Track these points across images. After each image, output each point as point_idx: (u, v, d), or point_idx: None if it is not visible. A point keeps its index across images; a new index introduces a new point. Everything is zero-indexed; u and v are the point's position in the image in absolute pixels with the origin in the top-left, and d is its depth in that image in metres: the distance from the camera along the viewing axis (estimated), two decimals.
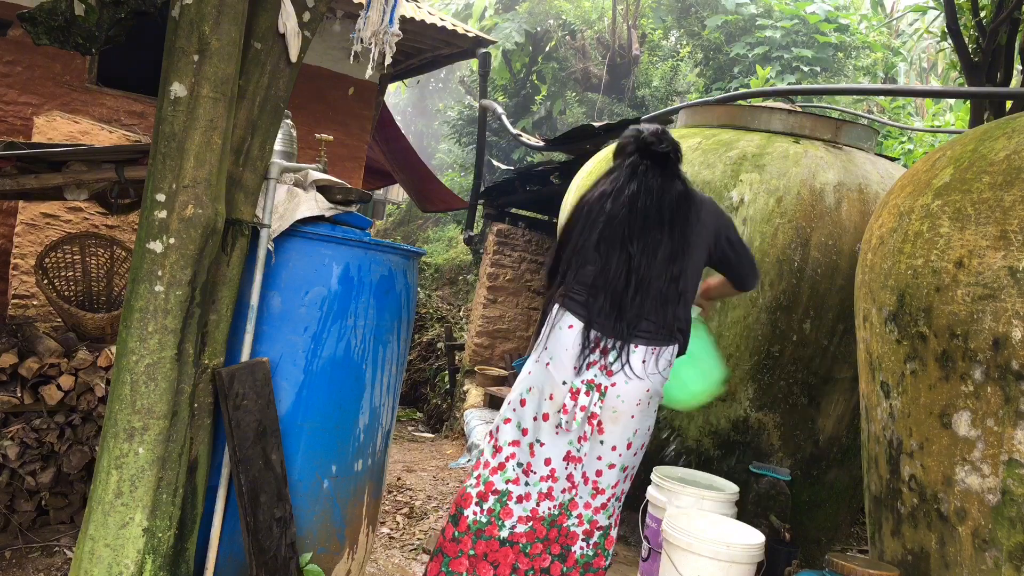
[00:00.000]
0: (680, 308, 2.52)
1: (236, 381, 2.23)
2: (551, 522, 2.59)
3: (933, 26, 8.41)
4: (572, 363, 2.47)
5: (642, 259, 2.47)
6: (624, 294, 2.46)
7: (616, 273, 2.48)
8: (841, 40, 11.03)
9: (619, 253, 2.50)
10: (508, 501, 2.55)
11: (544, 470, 2.53)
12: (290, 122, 2.81)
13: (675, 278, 2.49)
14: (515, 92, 13.23)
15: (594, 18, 12.73)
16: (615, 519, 2.64)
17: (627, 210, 2.52)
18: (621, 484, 2.60)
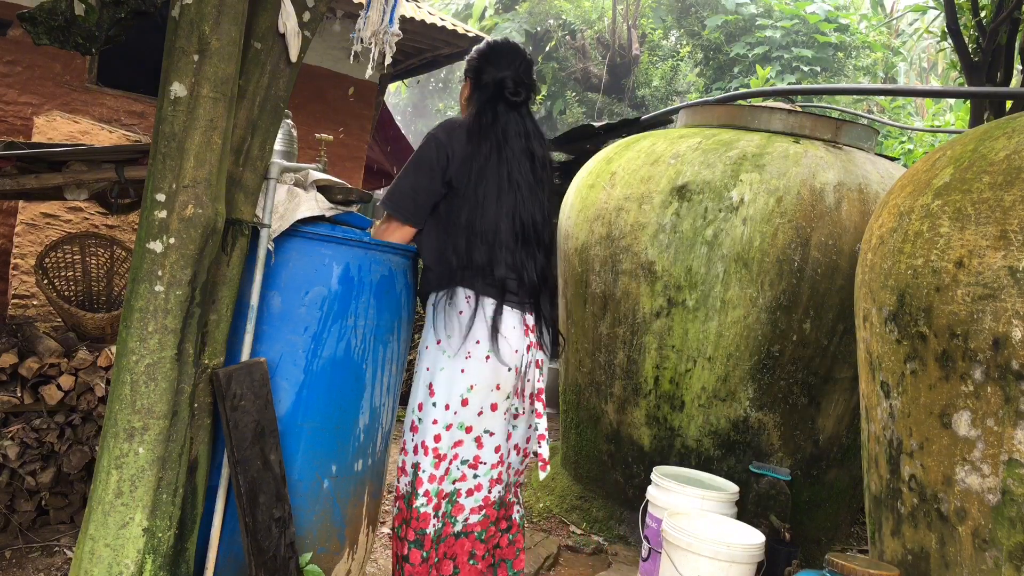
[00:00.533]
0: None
1: (234, 382, 2.23)
2: (500, 503, 2.62)
3: (933, 26, 8.41)
4: (519, 346, 2.51)
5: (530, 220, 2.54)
6: (525, 262, 2.52)
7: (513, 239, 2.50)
8: (841, 40, 11.03)
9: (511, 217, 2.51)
10: (457, 499, 2.55)
11: (494, 458, 2.56)
12: (290, 122, 2.81)
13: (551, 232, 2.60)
14: None
15: (594, 18, 12.74)
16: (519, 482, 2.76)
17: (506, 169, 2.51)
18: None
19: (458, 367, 2.50)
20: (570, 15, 12.67)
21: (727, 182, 3.81)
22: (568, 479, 4.49)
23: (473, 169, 2.48)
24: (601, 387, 4.13)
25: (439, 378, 2.53)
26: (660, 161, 4.06)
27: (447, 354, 2.52)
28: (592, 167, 4.51)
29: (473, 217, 2.48)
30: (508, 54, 2.65)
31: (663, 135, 4.37)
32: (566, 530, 4.10)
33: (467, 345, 2.49)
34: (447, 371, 2.52)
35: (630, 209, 3.98)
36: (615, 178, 4.17)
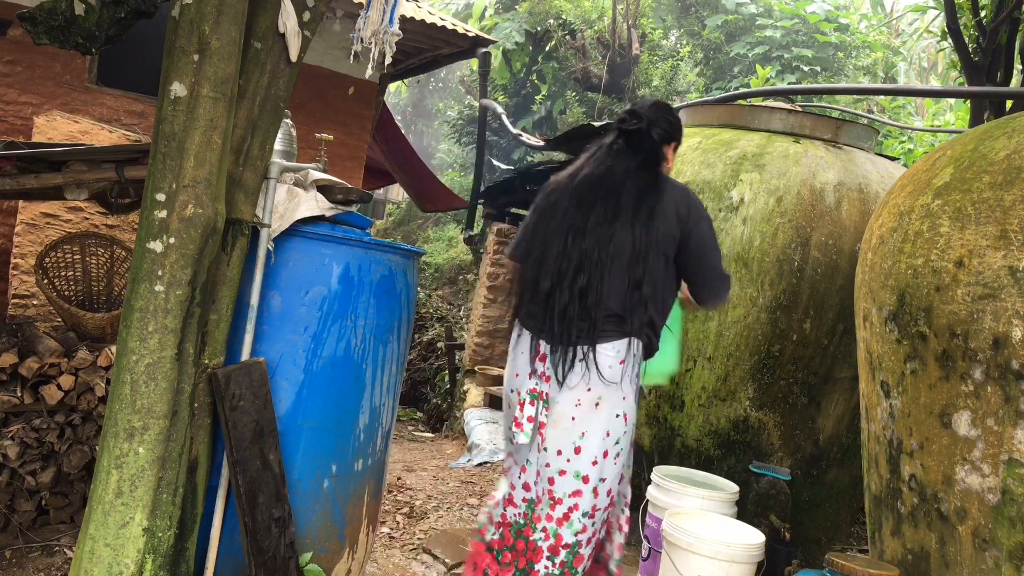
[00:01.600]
0: (644, 312, 2.32)
1: (232, 382, 2.23)
2: (517, 531, 2.44)
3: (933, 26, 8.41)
4: (521, 371, 2.40)
5: (593, 260, 2.29)
6: (569, 299, 2.28)
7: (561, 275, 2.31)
8: (841, 40, 11.03)
9: (564, 253, 2.31)
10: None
11: (514, 474, 2.49)
12: (290, 122, 2.81)
13: (637, 283, 2.28)
14: (515, 92, 13.23)
15: (594, 18, 12.72)
16: (589, 539, 2.38)
17: (575, 202, 2.35)
18: (589, 498, 2.33)
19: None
20: (570, 15, 12.66)
21: (727, 182, 3.81)
22: None
23: None
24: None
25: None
26: None
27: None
28: None
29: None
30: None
31: None
32: None
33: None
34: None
35: None
36: None
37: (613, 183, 2.37)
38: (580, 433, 2.32)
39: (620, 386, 2.33)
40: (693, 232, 2.34)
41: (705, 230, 2.38)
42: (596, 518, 2.37)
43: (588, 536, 2.37)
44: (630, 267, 2.30)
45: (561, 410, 2.34)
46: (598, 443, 2.32)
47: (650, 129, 2.42)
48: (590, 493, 2.33)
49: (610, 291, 2.30)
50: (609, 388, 2.32)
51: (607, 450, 2.34)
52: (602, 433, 2.32)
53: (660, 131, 2.45)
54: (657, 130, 2.44)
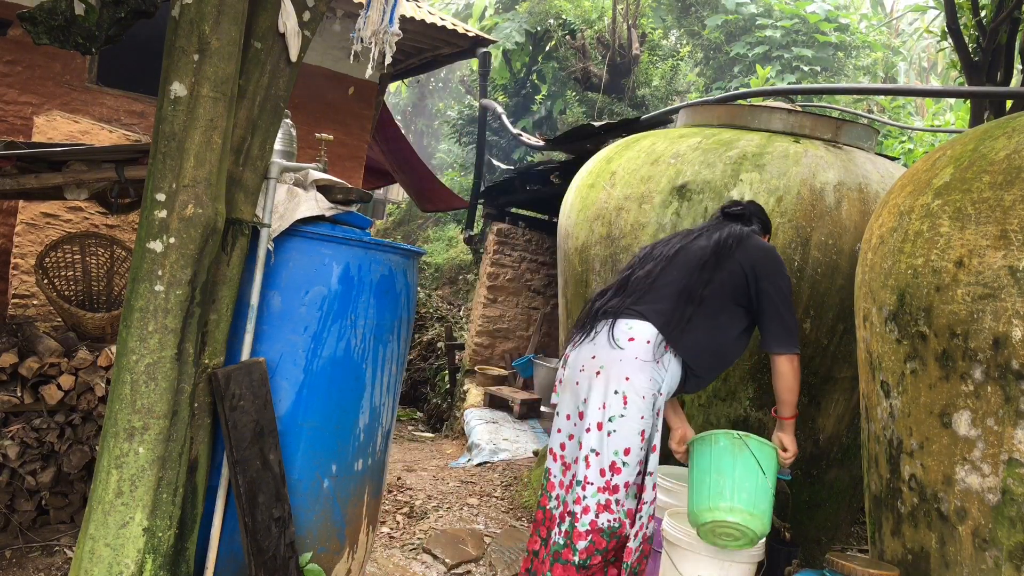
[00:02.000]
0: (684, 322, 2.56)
1: (232, 382, 2.23)
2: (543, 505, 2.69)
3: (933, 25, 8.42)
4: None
5: (658, 256, 2.68)
6: (627, 283, 2.64)
7: (638, 272, 2.68)
8: (841, 40, 11.03)
9: (651, 262, 2.70)
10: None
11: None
12: (290, 122, 2.81)
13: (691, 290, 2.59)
14: (515, 92, 13.23)
15: (594, 17, 12.73)
16: (590, 513, 2.46)
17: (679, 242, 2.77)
18: (594, 468, 2.45)
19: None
20: (570, 15, 12.66)
21: (727, 182, 3.81)
22: None
23: None
24: None
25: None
26: (660, 161, 4.06)
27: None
28: (592, 167, 4.51)
29: None
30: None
31: (663, 135, 4.37)
32: None
33: None
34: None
35: (630, 209, 3.98)
36: (615, 178, 4.17)
37: (708, 235, 2.79)
38: (583, 399, 2.52)
39: (626, 365, 2.48)
40: (764, 278, 2.65)
41: (774, 281, 2.66)
42: (587, 491, 2.48)
43: (582, 509, 2.49)
44: (691, 271, 2.61)
45: (569, 374, 2.60)
46: (597, 415, 2.48)
47: (749, 216, 2.92)
48: (603, 477, 2.48)
49: (663, 283, 2.61)
50: (618, 363, 2.48)
51: (600, 422, 2.48)
52: (601, 405, 2.47)
53: (758, 222, 2.95)
54: (756, 220, 2.94)
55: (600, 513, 2.47)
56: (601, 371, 2.50)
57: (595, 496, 2.48)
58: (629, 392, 2.47)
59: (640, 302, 2.60)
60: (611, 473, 2.47)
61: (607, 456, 2.47)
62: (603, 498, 2.48)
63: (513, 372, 7.32)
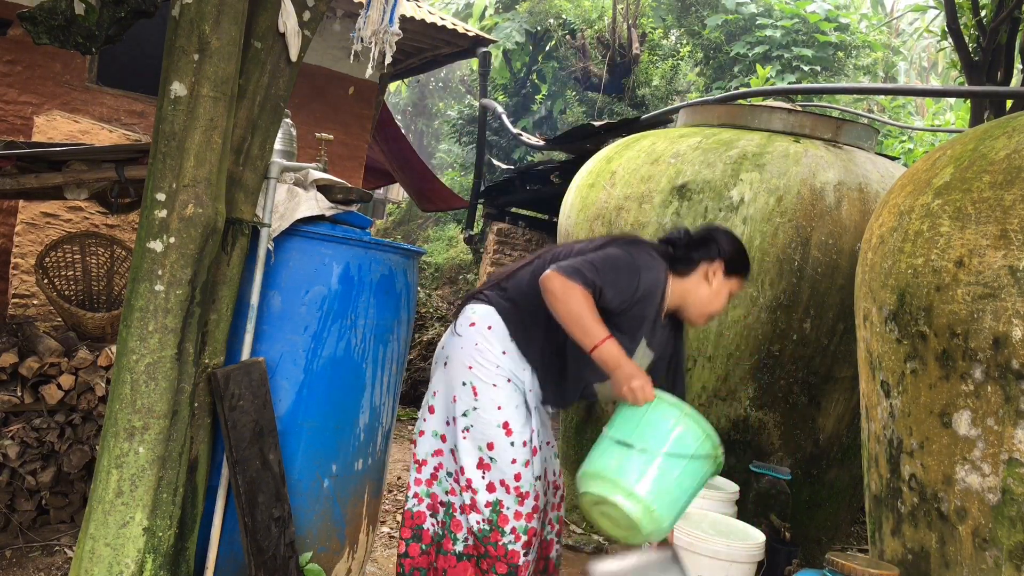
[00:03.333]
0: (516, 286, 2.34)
1: (232, 382, 2.23)
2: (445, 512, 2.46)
3: (933, 25, 8.41)
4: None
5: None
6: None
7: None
8: (841, 39, 11.02)
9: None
10: (454, 513, 2.36)
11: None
12: (290, 121, 2.81)
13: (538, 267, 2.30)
14: (515, 91, 13.23)
15: (594, 17, 12.72)
16: (466, 508, 2.31)
17: None
18: (449, 459, 2.33)
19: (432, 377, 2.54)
20: (570, 14, 12.66)
21: (727, 181, 3.81)
22: (568, 478, 4.49)
23: None
24: None
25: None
26: (660, 160, 4.06)
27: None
28: (592, 166, 4.51)
29: None
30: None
31: (663, 134, 4.37)
32: (566, 529, 4.10)
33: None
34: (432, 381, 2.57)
35: (630, 208, 3.98)
36: (615, 177, 4.17)
37: None
38: (432, 392, 2.39)
39: (469, 353, 2.28)
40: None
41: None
42: (460, 483, 2.30)
43: (461, 504, 2.30)
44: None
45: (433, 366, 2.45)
46: (446, 405, 2.34)
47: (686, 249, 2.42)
48: (449, 454, 2.35)
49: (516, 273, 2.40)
50: (456, 350, 2.31)
51: (455, 416, 2.30)
52: (448, 396, 2.33)
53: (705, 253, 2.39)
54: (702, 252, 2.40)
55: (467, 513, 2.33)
56: (448, 363, 2.33)
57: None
58: (477, 383, 2.27)
59: (491, 287, 2.40)
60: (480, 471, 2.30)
61: (470, 452, 2.30)
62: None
63: None
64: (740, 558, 2.64)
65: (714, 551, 2.63)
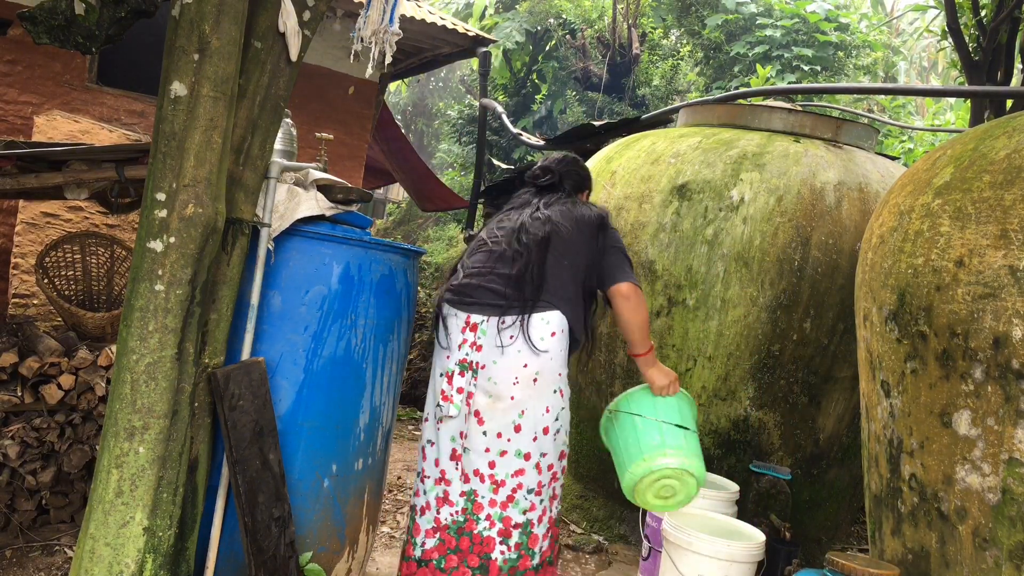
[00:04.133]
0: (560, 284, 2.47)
1: (232, 382, 2.23)
2: (458, 530, 2.42)
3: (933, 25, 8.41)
4: (447, 349, 2.50)
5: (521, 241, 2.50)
6: (495, 270, 2.49)
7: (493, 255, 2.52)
8: (841, 39, 11.01)
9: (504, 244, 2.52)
10: (415, 516, 2.50)
11: (435, 472, 2.48)
12: (290, 121, 2.81)
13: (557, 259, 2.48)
14: (515, 91, 13.22)
15: (594, 17, 12.72)
16: (541, 516, 2.43)
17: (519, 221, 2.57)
18: (533, 475, 2.40)
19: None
20: (570, 14, 12.65)
21: (727, 181, 3.81)
22: (568, 478, 4.49)
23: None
24: (601, 386, 4.13)
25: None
26: (660, 160, 4.06)
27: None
28: (592, 166, 4.51)
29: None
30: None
31: (663, 134, 4.37)
32: (566, 529, 4.10)
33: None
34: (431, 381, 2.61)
35: (630, 208, 3.98)
36: (615, 177, 4.17)
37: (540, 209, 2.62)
38: (520, 411, 2.41)
39: (559, 362, 2.46)
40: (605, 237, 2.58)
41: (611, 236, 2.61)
42: (543, 494, 2.45)
43: (539, 515, 2.44)
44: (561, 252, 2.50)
45: (498, 390, 2.40)
46: (540, 420, 2.43)
47: (562, 181, 2.70)
48: (542, 473, 2.44)
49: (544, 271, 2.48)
50: (546, 363, 2.43)
51: (548, 426, 2.45)
52: (544, 411, 2.44)
53: (571, 183, 2.73)
54: (568, 182, 2.72)
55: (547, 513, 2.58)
56: (538, 378, 2.44)
57: (548, 494, 2.53)
58: (564, 386, 2.55)
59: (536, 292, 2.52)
60: (560, 466, 2.59)
61: (554, 455, 2.54)
62: (550, 492, 2.54)
63: None
64: (740, 558, 2.64)
65: (714, 551, 2.63)
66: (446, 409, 2.45)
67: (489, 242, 2.57)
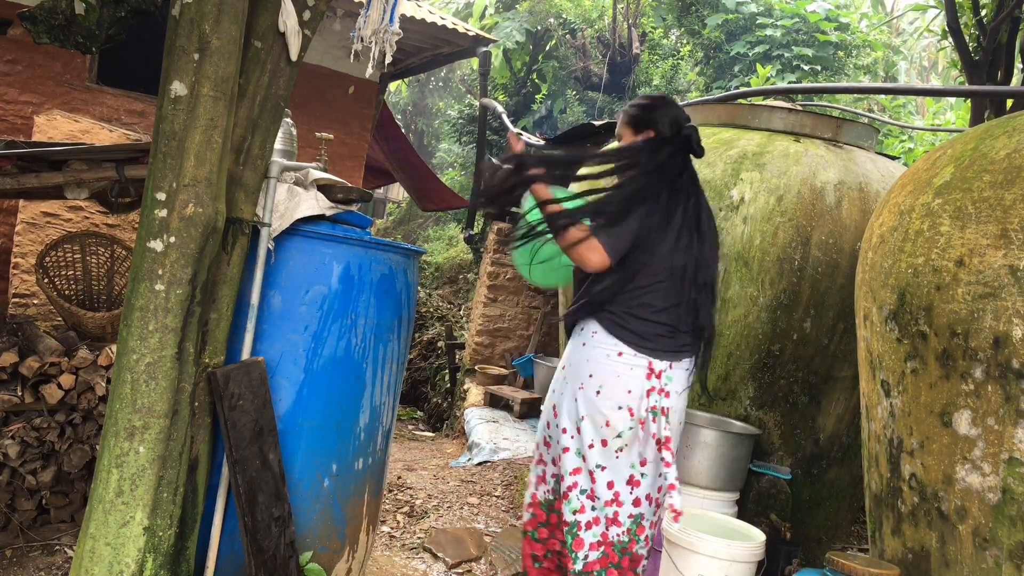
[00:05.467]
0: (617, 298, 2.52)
1: (231, 381, 2.23)
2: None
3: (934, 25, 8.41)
4: (628, 388, 2.56)
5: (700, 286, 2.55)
6: (695, 318, 2.59)
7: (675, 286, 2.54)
8: (841, 39, 11.01)
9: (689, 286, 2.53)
10: (577, 531, 2.58)
11: (607, 494, 2.58)
12: (290, 121, 2.81)
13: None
14: (515, 91, 13.22)
15: (594, 17, 12.72)
16: (589, 522, 2.55)
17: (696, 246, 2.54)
18: (586, 479, 2.55)
19: (572, 396, 2.60)
20: (570, 14, 12.65)
21: (727, 181, 3.81)
22: None
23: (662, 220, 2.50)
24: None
25: (560, 402, 2.67)
26: None
27: (567, 380, 2.65)
28: None
29: (658, 265, 2.50)
30: (684, 114, 2.68)
31: None
32: None
33: (581, 377, 2.57)
34: (566, 396, 2.63)
35: None
36: None
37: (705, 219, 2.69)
38: (581, 416, 2.55)
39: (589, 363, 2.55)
40: None
41: None
42: (596, 504, 2.53)
43: (588, 519, 2.54)
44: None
45: (560, 387, 2.66)
46: (576, 420, 2.56)
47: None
48: (594, 482, 2.53)
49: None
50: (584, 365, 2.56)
51: (604, 439, 2.52)
52: (581, 415, 2.55)
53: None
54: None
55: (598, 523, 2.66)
56: (601, 390, 2.60)
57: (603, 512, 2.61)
58: (634, 406, 2.59)
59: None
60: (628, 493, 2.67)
61: (617, 475, 2.62)
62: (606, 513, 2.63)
63: (513, 371, 7.32)
64: (740, 558, 2.64)
65: (714, 551, 2.63)
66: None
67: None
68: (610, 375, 2.49)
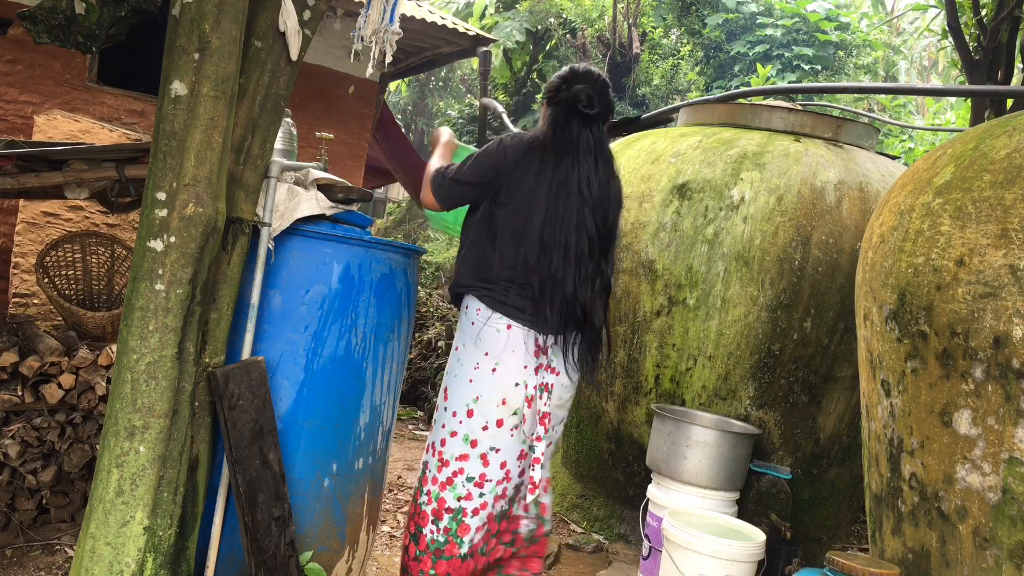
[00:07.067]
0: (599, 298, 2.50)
1: (231, 381, 2.23)
2: (502, 515, 2.52)
3: (934, 24, 8.41)
4: (521, 364, 2.41)
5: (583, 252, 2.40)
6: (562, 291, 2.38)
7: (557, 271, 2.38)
8: (842, 38, 11.01)
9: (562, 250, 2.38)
10: (463, 518, 2.45)
11: (499, 474, 2.46)
12: (290, 120, 2.81)
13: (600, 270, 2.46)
14: (516, 91, 13.21)
15: (595, 16, 12.72)
16: (476, 509, 2.48)
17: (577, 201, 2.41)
18: (477, 465, 2.46)
19: (467, 377, 2.44)
20: (571, 13, 12.65)
21: (728, 180, 3.81)
22: (568, 478, 4.49)
23: (530, 180, 2.40)
24: (601, 385, 4.13)
25: (452, 384, 2.49)
26: (661, 160, 4.06)
27: (460, 362, 2.48)
28: None
29: (521, 228, 2.39)
30: (584, 75, 2.54)
31: (664, 134, 4.37)
32: (567, 528, 4.10)
33: (469, 353, 2.45)
34: (463, 378, 2.46)
35: (630, 208, 3.98)
36: None
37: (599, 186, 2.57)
38: (474, 396, 2.41)
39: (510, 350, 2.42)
40: None
41: None
42: (486, 489, 2.42)
43: (474, 506, 2.42)
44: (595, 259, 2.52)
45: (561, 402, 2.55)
46: (492, 409, 2.41)
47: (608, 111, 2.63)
48: (478, 459, 2.41)
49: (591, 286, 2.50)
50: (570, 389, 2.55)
51: (501, 418, 2.40)
52: (498, 399, 2.40)
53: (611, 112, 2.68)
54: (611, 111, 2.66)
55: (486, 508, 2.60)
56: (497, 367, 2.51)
57: (493, 492, 2.53)
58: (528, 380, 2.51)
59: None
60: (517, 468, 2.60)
61: (509, 454, 2.51)
62: (496, 491, 2.56)
63: None
64: (740, 557, 2.65)
65: (715, 550, 2.63)
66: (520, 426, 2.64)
67: None
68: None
